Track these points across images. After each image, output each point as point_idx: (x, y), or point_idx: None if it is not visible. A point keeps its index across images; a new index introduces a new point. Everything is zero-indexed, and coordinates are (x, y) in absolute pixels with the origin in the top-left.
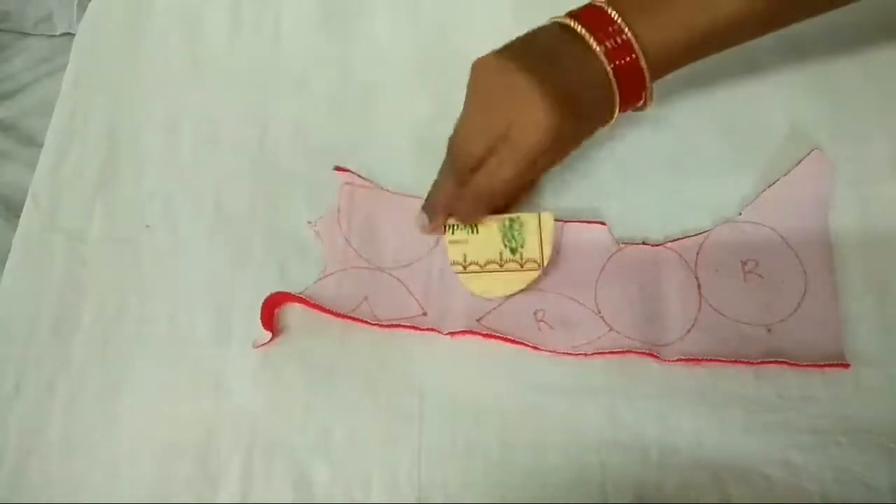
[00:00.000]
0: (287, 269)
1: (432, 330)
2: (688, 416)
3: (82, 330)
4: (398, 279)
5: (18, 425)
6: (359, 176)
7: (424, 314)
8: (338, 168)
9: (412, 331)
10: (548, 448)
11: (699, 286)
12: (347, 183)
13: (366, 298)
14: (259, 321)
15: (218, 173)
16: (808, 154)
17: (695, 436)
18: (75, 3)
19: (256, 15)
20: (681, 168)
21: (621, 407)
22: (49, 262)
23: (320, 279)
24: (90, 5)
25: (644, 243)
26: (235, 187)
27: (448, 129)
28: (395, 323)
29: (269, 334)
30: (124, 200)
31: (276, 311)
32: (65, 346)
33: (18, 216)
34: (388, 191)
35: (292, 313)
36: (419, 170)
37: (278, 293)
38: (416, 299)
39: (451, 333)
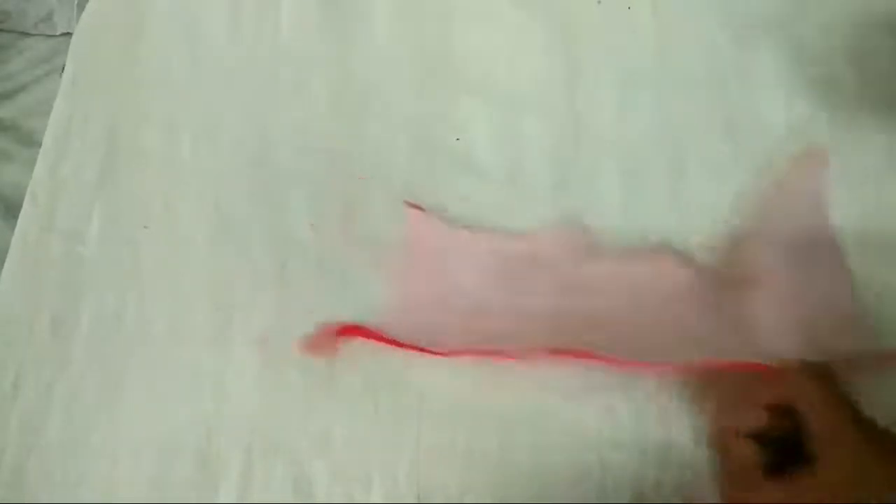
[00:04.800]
0: (287, 269)
1: (510, 358)
2: (687, 415)
3: (81, 330)
4: (468, 318)
5: (18, 425)
6: (429, 212)
7: (497, 351)
8: (410, 204)
9: (490, 358)
10: (548, 448)
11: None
12: (416, 218)
13: (433, 342)
14: (262, 321)
15: (218, 173)
16: (807, 153)
17: (694, 435)
18: (75, 3)
19: (256, 15)
20: (681, 168)
21: (621, 407)
22: (47, 262)
23: (390, 315)
24: (88, 5)
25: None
26: (235, 187)
27: (447, 130)
28: (465, 351)
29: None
30: (123, 201)
31: (341, 339)
32: (64, 346)
33: (18, 216)
34: (458, 226)
35: (291, 312)
36: (418, 170)
37: (350, 325)
38: (488, 337)
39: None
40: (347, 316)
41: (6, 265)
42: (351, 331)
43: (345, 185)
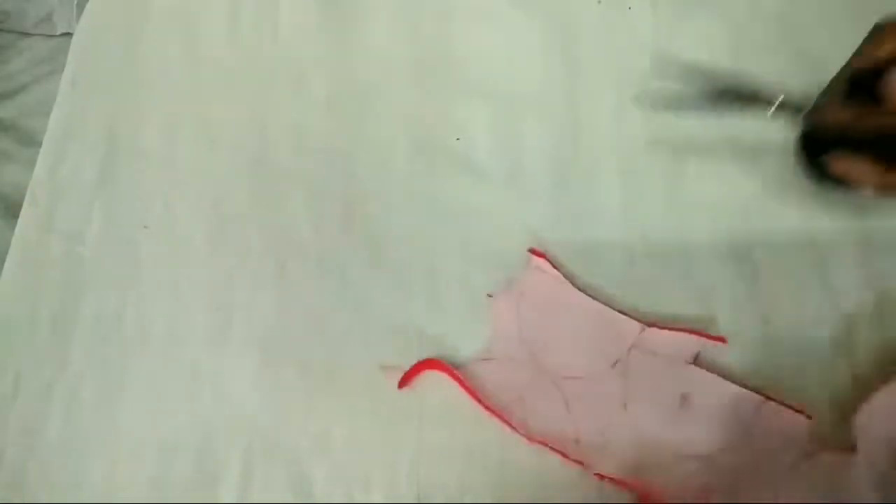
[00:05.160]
0: (286, 269)
1: (579, 463)
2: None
3: (81, 330)
4: (560, 390)
5: (18, 425)
6: (552, 265)
7: (577, 441)
8: (534, 251)
9: (559, 456)
10: (547, 448)
11: None
12: (538, 268)
13: (521, 398)
14: (262, 321)
15: (217, 173)
16: None
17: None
18: (75, 3)
19: (255, 15)
20: (681, 168)
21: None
22: (47, 262)
23: (482, 360)
24: (87, 6)
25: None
26: (234, 187)
27: (447, 130)
28: (542, 440)
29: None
30: (122, 201)
31: (423, 372)
32: (64, 346)
33: (18, 216)
34: (578, 289)
35: (291, 312)
36: (418, 170)
37: (437, 362)
38: (573, 420)
39: (600, 476)
40: (346, 316)
41: (6, 265)
42: (437, 367)
43: (345, 185)
